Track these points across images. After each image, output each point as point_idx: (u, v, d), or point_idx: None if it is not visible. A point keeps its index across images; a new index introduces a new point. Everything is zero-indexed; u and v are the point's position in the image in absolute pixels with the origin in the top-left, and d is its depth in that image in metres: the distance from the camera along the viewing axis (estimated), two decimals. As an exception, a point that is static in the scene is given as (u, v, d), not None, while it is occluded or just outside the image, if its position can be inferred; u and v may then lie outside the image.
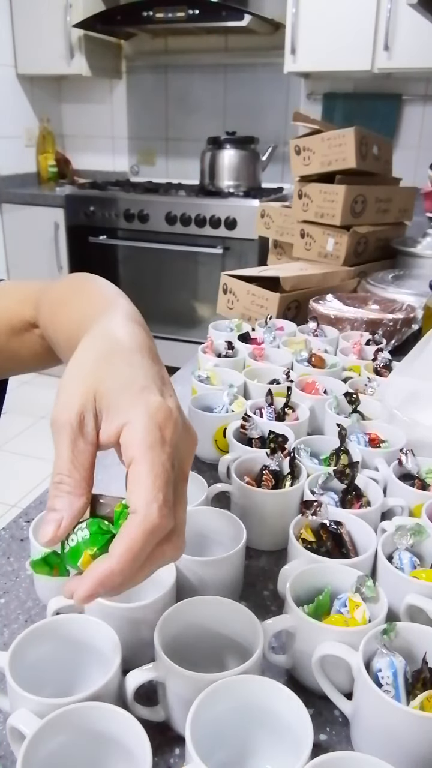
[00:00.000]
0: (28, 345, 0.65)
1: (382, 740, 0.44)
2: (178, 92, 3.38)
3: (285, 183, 3.22)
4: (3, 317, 0.65)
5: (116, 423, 0.38)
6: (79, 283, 0.59)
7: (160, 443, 0.37)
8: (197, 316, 3.03)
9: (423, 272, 1.45)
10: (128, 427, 0.37)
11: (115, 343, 0.42)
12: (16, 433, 2.87)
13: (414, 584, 0.53)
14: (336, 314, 1.18)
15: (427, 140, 2.92)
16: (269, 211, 1.63)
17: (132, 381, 0.39)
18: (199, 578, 0.56)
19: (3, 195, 3.17)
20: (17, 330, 0.64)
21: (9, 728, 0.43)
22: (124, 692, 0.46)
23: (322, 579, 0.54)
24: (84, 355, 0.42)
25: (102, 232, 3.04)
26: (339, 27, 2.56)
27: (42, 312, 0.61)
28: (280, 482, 0.69)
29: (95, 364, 0.40)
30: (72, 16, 2.98)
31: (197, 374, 0.91)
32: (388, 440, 0.78)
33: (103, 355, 0.41)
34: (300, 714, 0.41)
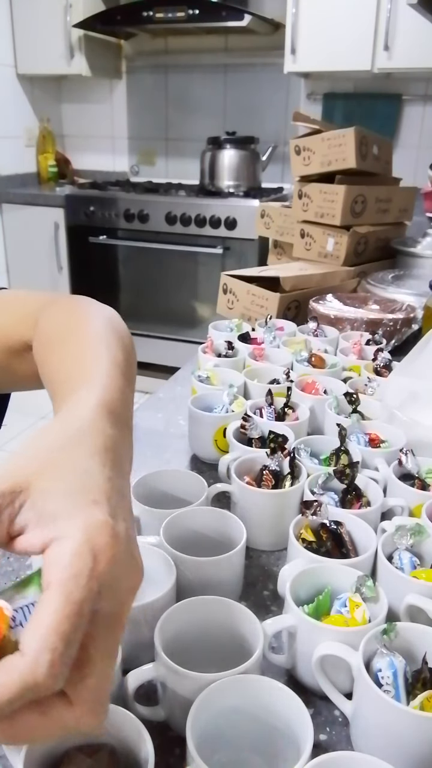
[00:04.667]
0: (26, 365, 0.61)
1: (382, 740, 0.44)
2: (178, 92, 3.38)
3: (285, 183, 3.22)
4: (1, 335, 0.62)
5: (45, 534, 0.31)
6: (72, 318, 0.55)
7: (87, 575, 0.30)
8: (197, 316, 3.02)
9: (423, 272, 1.45)
10: (56, 543, 0.31)
11: (79, 441, 0.36)
12: (16, 433, 2.87)
13: (414, 584, 0.53)
14: (336, 314, 1.18)
15: (427, 140, 2.92)
16: (269, 211, 1.63)
17: (81, 490, 0.33)
18: (199, 578, 0.56)
19: (3, 195, 3.17)
20: (15, 350, 0.62)
21: None
22: (124, 692, 0.46)
23: (322, 579, 0.54)
24: (41, 440, 0.36)
25: (102, 232, 3.04)
26: (339, 27, 2.56)
27: (35, 340, 0.58)
28: (280, 482, 0.69)
29: (48, 455, 0.34)
30: (72, 16, 2.98)
31: (197, 374, 0.91)
32: (388, 440, 0.78)
33: (62, 449, 0.35)
34: (300, 714, 0.41)
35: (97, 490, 0.33)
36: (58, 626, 0.28)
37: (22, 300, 0.65)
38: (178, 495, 0.68)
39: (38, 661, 0.28)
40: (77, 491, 0.32)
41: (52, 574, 0.30)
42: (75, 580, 0.29)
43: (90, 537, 0.31)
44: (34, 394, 0.69)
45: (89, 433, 0.37)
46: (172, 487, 0.68)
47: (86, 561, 0.30)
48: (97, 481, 0.34)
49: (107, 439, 0.37)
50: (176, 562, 0.55)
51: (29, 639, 0.29)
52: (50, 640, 0.28)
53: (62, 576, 0.29)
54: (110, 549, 0.31)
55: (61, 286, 3.17)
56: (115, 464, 0.36)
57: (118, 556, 0.31)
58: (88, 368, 0.44)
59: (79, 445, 0.36)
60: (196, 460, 0.86)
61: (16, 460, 0.34)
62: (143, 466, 0.68)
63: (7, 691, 0.28)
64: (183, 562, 0.56)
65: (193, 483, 0.68)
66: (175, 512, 0.61)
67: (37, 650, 0.28)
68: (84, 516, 0.31)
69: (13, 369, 0.63)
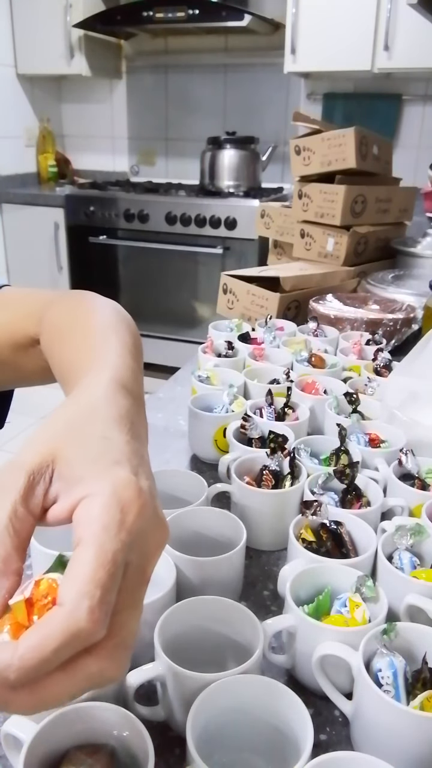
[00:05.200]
0: (32, 360, 0.62)
1: (382, 740, 0.44)
2: (178, 92, 3.38)
3: (285, 183, 3.22)
4: (7, 331, 0.63)
5: (74, 496, 0.32)
6: (79, 309, 0.56)
7: (117, 526, 0.30)
8: (197, 316, 3.02)
9: (423, 272, 1.45)
10: (85, 501, 0.31)
11: (94, 412, 0.37)
12: (16, 433, 2.87)
13: (414, 584, 0.53)
14: (336, 314, 1.18)
15: (427, 140, 2.92)
16: (269, 211, 1.63)
17: (102, 453, 0.34)
18: (199, 578, 0.56)
19: (3, 195, 3.17)
20: (21, 345, 0.62)
21: (3, 735, 0.42)
22: (124, 692, 0.46)
23: (322, 579, 0.54)
24: (59, 415, 0.37)
25: (102, 232, 3.04)
26: (339, 27, 2.56)
27: (43, 333, 0.59)
28: (280, 482, 0.69)
29: (67, 426, 0.36)
30: (72, 16, 2.98)
31: (197, 374, 0.91)
32: (388, 440, 0.78)
33: (79, 420, 0.36)
34: (300, 714, 0.41)
35: (117, 452, 0.34)
36: (93, 575, 0.29)
37: (25, 296, 0.65)
38: (178, 495, 0.68)
39: (78, 608, 0.28)
40: (99, 455, 0.33)
41: (83, 530, 0.30)
42: (106, 531, 0.30)
43: (116, 491, 0.31)
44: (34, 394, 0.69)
45: (104, 405, 0.37)
46: (172, 487, 0.68)
47: (115, 514, 0.30)
48: (116, 444, 0.35)
49: (121, 408, 0.38)
50: (176, 562, 0.55)
51: (66, 590, 0.29)
52: (87, 588, 0.28)
53: (93, 529, 0.30)
54: (137, 503, 0.31)
55: (61, 286, 3.17)
56: (132, 430, 0.37)
57: (144, 510, 0.32)
58: (98, 352, 0.45)
59: (95, 415, 0.36)
60: (196, 460, 0.86)
61: (37, 436, 0.35)
62: (143, 466, 0.68)
63: (52, 641, 0.28)
64: (183, 562, 0.56)
65: (193, 483, 0.68)
66: (175, 512, 0.61)
67: (75, 598, 0.28)
68: (108, 475, 0.32)
69: (18, 364, 0.64)
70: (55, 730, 0.40)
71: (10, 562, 0.31)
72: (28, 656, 0.28)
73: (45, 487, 0.33)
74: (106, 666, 0.30)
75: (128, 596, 0.31)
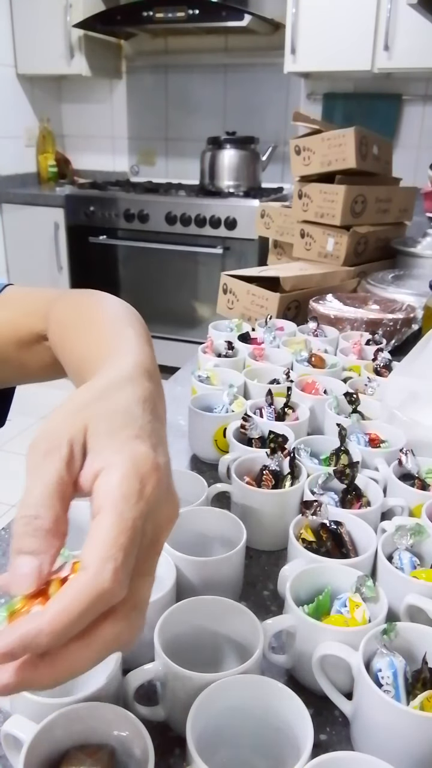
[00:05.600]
0: (37, 357, 0.63)
1: (382, 740, 0.44)
2: (178, 92, 3.38)
3: (285, 183, 3.22)
4: (10, 329, 0.64)
5: (95, 466, 0.33)
6: (87, 305, 0.57)
7: (136, 496, 0.32)
8: (197, 316, 3.02)
9: (423, 272, 1.45)
10: (106, 471, 0.33)
11: (121, 388, 0.38)
12: (16, 433, 2.87)
13: (414, 584, 0.53)
14: (336, 314, 1.18)
15: (427, 140, 2.92)
16: (269, 211, 1.63)
17: (124, 428, 0.35)
18: (199, 578, 0.56)
19: (3, 195, 3.17)
20: (26, 342, 0.63)
21: (3, 735, 0.42)
22: (124, 692, 0.46)
23: (322, 579, 0.54)
24: (82, 392, 0.38)
25: (102, 232, 3.04)
26: (339, 27, 2.56)
27: (51, 329, 0.59)
28: (280, 482, 0.69)
29: (92, 401, 0.37)
30: (72, 16, 2.98)
31: (197, 374, 0.91)
32: (388, 440, 0.78)
33: (107, 393, 0.38)
34: (300, 714, 0.41)
35: (139, 428, 0.35)
36: (115, 540, 0.30)
37: (29, 294, 0.66)
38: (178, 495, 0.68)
39: (102, 570, 0.29)
40: (121, 428, 0.35)
41: (103, 499, 0.32)
42: (126, 500, 0.31)
43: (136, 464, 0.33)
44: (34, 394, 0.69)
45: (130, 384, 0.39)
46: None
47: (134, 484, 0.32)
48: (139, 421, 0.36)
49: (145, 390, 0.39)
50: (176, 562, 0.55)
51: (89, 554, 0.30)
52: (111, 552, 0.30)
53: (114, 498, 0.31)
54: (154, 476, 0.33)
55: (61, 286, 3.17)
56: (154, 411, 0.38)
57: (161, 483, 0.33)
58: (116, 341, 0.46)
59: (120, 391, 0.38)
60: (196, 460, 0.86)
61: (69, 405, 0.36)
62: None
63: (79, 602, 0.29)
64: (183, 562, 0.56)
65: (193, 483, 0.68)
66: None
67: (99, 562, 0.30)
68: (128, 448, 0.34)
69: (22, 361, 0.64)
70: (55, 730, 0.40)
71: (60, 523, 0.32)
72: (57, 619, 0.29)
73: (81, 455, 0.34)
74: (121, 629, 0.31)
75: (143, 564, 0.33)
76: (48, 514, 0.32)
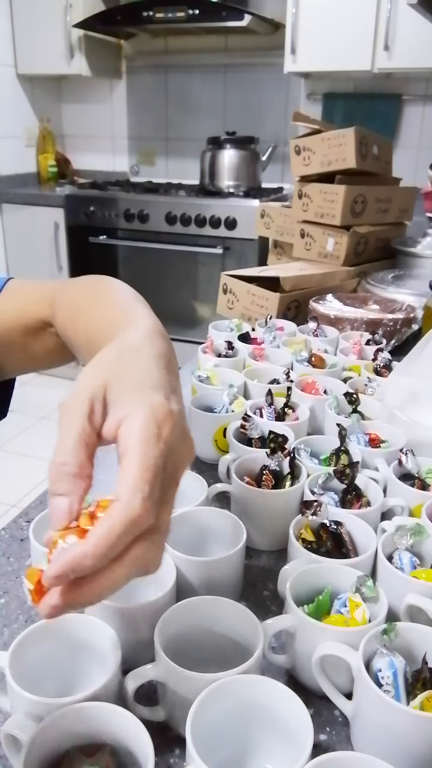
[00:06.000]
0: (43, 343, 0.66)
1: (382, 740, 0.44)
2: (178, 92, 3.38)
3: (285, 183, 3.22)
4: (18, 317, 0.67)
5: (118, 416, 0.38)
6: (95, 287, 0.60)
7: (155, 438, 0.37)
8: (197, 316, 3.02)
9: (423, 272, 1.45)
10: (127, 419, 0.38)
11: (135, 350, 0.43)
12: (16, 433, 2.87)
13: (414, 584, 0.53)
14: (336, 314, 1.18)
15: (427, 140, 2.92)
16: (269, 211, 1.63)
17: (141, 381, 0.40)
18: (199, 578, 0.56)
19: (3, 195, 3.17)
20: (32, 329, 0.66)
21: (3, 735, 0.42)
22: (124, 692, 0.46)
23: (322, 579, 0.54)
24: (103, 354, 0.43)
25: (102, 232, 3.04)
26: (339, 27, 2.56)
27: (58, 313, 0.62)
28: (280, 482, 0.69)
29: (112, 361, 0.42)
30: (72, 16, 2.97)
31: (197, 374, 0.91)
32: (388, 440, 0.78)
33: (122, 355, 0.43)
34: (300, 714, 0.41)
35: (154, 381, 0.40)
36: (142, 474, 0.35)
37: (32, 285, 0.70)
38: (178, 495, 0.68)
39: (133, 499, 0.34)
40: (139, 382, 0.40)
41: (127, 442, 0.37)
42: (147, 441, 0.36)
43: (152, 411, 0.38)
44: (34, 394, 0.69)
45: (146, 344, 0.44)
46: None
47: (153, 428, 0.37)
48: (154, 375, 0.41)
49: (160, 348, 0.44)
50: (176, 562, 0.55)
51: (121, 487, 0.35)
52: (139, 485, 0.35)
53: (136, 441, 0.36)
54: (170, 420, 0.38)
55: (61, 286, 3.17)
56: (168, 366, 0.43)
57: (176, 426, 0.38)
58: (130, 314, 0.50)
59: (138, 352, 0.43)
60: (196, 460, 0.86)
61: (91, 367, 0.41)
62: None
63: (117, 528, 0.34)
64: (183, 562, 0.56)
65: (193, 483, 0.68)
66: (175, 512, 0.61)
67: (130, 493, 0.34)
68: (145, 398, 0.39)
69: (29, 348, 0.68)
70: (55, 730, 0.40)
71: (85, 467, 0.37)
72: (99, 543, 0.33)
73: (102, 408, 0.39)
74: (148, 548, 0.36)
75: (164, 495, 0.37)
76: (74, 461, 0.37)
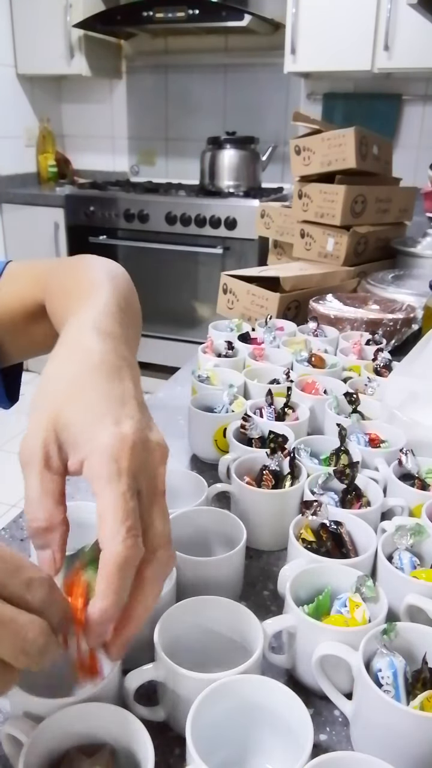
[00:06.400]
0: (43, 328, 0.66)
1: (382, 740, 0.44)
2: (178, 92, 3.38)
3: (285, 183, 3.22)
4: (18, 301, 0.68)
5: (78, 457, 0.39)
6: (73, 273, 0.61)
7: (117, 474, 0.37)
8: (197, 316, 3.02)
9: (423, 272, 1.45)
10: (87, 462, 0.38)
11: (79, 363, 0.43)
12: (16, 433, 2.87)
13: (414, 584, 0.53)
14: (336, 314, 1.18)
15: (427, 140, 2.92)
16: (269, 211, 1.63)
17: (90, 410, 0.40)
18: (199, 578, 0.56)
19: (3, 195, 3.17)
20: (32, 313, 0.67)
21: (3, 735, 0.42)
22: (124, 692, 0.46)
23: (322, 579, 0.54)
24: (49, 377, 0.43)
25: (102, 232, 3.04)
26: (339, 27, 2.56)
27: (47, 301, 0.64)
28: (280, 482, 0.69)
29: (57, 392, 0.41)
30: (72, 16, 2.98)
31: (197, 374, 0.91)
32: (388, 440, 0.78)
33: (66, 378, 0.42)
34: (300, 714, 0.41)
35: (103, 405, 0.40)
36: (115, 517, 0.36)
37: (31, 267, 0.70)
38: (178, 495, 0.68)
39: (115, 546, 0.36)
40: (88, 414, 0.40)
41: (94, 487, 0.38)
42: (110, 483, 0.37)
43: (105, 449, 0.38)
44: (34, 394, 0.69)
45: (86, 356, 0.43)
46: (172, 487, 0.68)
47: (112, 466, 0.37)
48: (103, 396, 0.41)
49: (103, 354, 0.44)
50: (176, 562, 0.55)
51: (101, 536, 0.37)
52: (114, 529, 0.36)
53: (100, 485, 0.37)
54: (125, 447, 0.38)
55: (61, 286, 3.17)
56: (115, 373, 0.43)
57: (134, 450, 0.38)
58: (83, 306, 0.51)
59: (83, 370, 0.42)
60: (196, 460, 0.86)
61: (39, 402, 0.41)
62: (143, 466, 0.68)
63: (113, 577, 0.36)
64: (183, 562, 0.56)
65: (193, 483, 0.68)
66: (175, 512, 0.61)
67: (110, 542, 0.36)
68: (97, 434, 0.39)
69: (30, 332, 0.69)
70: (55, 730, 0.40)
71: (54, 516, 0.38)
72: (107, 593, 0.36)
73: (57, 451, 0.39)
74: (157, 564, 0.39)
75: (148, 515, 0.39)
76: (42, 515, 0.38)
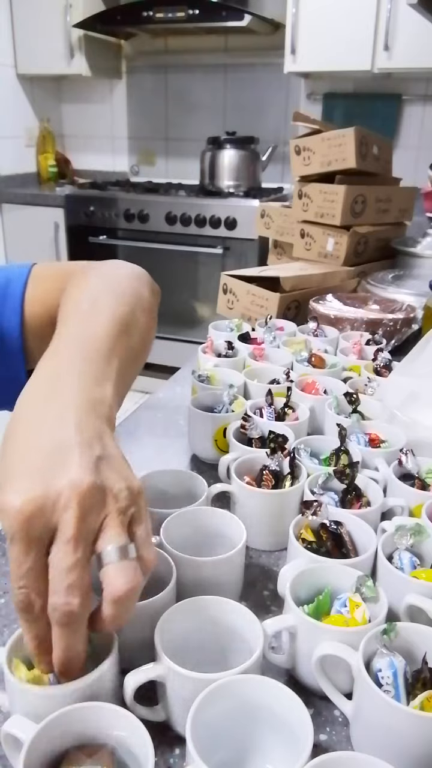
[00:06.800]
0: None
1: (382, 740, 0.44)
2: (178, 92, 3.38)
3: (285, 183, 3.22)
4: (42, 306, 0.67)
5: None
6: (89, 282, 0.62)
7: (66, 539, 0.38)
8: (197, 316, 3.02)
9: (423, 272, 1.45)
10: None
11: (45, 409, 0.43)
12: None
13: (414, 584, 0.53)
14: (336, 314, 1.18)
15: (427, 140, 2.92)
16: (269, 211, 1.63)
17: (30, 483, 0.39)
18: (199, 578, 0.56)
19: (3, 195, 3.17)
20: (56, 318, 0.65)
21: (3, 735, 0.42)
22: (124, 692, 0.46)
23: (322, 579, 0.54)
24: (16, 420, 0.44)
25: (102, 232, 3.04)
26: (339, 27, 2.56)
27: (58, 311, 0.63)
28: (280, 482, 0.69)
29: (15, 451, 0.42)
30: (72, 16, 2.98)
31: (197, 374, 0.91)
32: (388, 440, 0.78)
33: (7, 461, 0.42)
34: (300, 714, 0.41)
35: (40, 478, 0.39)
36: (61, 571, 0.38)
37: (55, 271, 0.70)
38: (178, 495, 0.68)
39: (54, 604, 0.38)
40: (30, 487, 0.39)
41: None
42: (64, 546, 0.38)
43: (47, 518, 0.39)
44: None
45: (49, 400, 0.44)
46: (172, 487, 0.68)
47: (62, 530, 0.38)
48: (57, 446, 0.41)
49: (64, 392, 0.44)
50: (176, 562, 0.55)
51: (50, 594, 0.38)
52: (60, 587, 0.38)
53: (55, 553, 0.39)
54: (69, 507, 0.38)
55: (61, 286, 3.17)
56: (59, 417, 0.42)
57: (83, 502, 0.39)
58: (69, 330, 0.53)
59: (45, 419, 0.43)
60: (196, 460, 0.86)
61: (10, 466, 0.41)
62: (143, 466, 0.68)
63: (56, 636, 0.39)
64: (183, 562, 0.56)
65: (193, 483, 0.68)
66: (175, 512, 0.61)
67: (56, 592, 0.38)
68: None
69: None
70: (55, 730, 0.40)
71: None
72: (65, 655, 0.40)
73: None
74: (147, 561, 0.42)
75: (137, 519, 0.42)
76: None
